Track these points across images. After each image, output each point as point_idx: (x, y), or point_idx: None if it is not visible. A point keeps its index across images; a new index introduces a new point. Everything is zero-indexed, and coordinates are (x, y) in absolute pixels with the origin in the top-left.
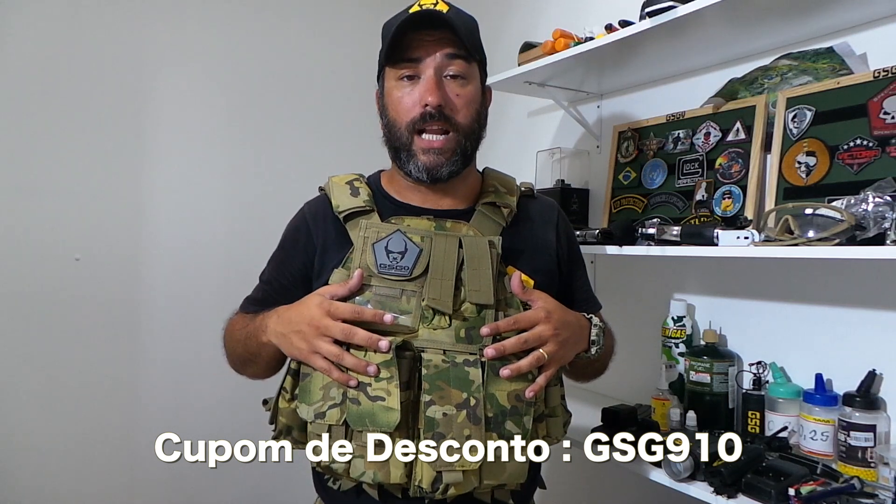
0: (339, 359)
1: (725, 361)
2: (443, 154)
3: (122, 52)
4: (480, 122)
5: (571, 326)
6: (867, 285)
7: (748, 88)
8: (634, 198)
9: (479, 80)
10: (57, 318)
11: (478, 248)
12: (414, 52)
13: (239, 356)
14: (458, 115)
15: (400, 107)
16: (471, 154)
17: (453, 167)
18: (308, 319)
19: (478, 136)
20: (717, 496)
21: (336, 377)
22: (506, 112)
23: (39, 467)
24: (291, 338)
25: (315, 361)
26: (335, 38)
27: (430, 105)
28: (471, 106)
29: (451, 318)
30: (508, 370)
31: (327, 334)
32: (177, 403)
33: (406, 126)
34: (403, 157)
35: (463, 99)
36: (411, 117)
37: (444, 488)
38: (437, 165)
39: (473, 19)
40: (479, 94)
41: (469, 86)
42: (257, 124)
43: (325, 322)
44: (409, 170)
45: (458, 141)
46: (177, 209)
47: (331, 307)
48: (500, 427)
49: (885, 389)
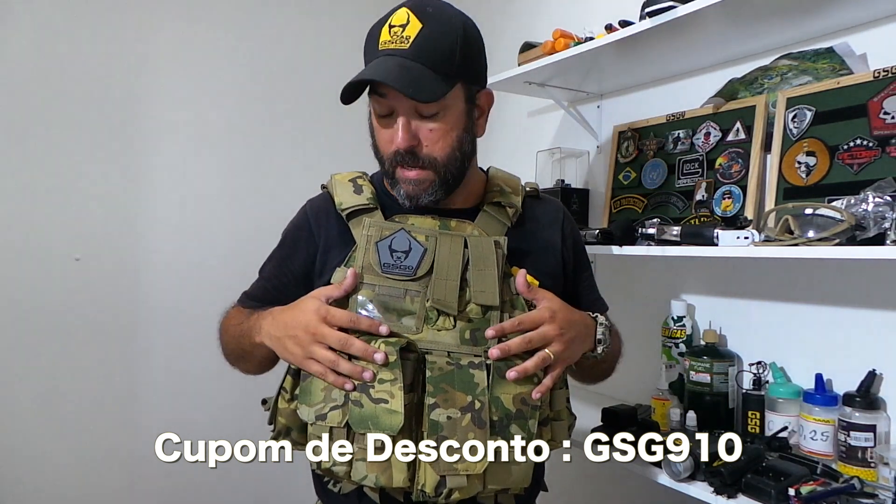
0: (334, 365)
1: (725, 361)
2: (420, 186)
3: (123, 52)
4: (464, 147)
5: (577, 326)
6: (867, 285)
7: (748, 88)
8: (634, 198)
9: (462, 100)
10: (57, 317)
11: (483, 249)
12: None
13: (232, 351)
14: (433, 150)
15: (379, 138)
16: (457, 178)
17: (433, 196)
18: (304, 325)
19: (462, 160)
20: (717, 496)
21: (332, 381)
22: (506, 112)
23: (39, 467)
24: (286, 342)
25: (310, 366)
26: (335, 39)
27: (399, 148)
28: (448, 137)
29: (455, 320)
30: (514, 372)
31: (323, 342)
32: (176, 403)
33: (388, 156)
34: (389, 183)
35: (437, 132)
36: (389, 152)
37: (448, 492)
38: (416, 195)
39: (454, 31)
40: (462, 117)
41: (446, 117)
42: (257, 124)
43: (322, 329)
44: (396, 195)
45: (437, 174)
46: (177, 209)
47: (328, 314)
48: (504, 431)
49: (885, 389)
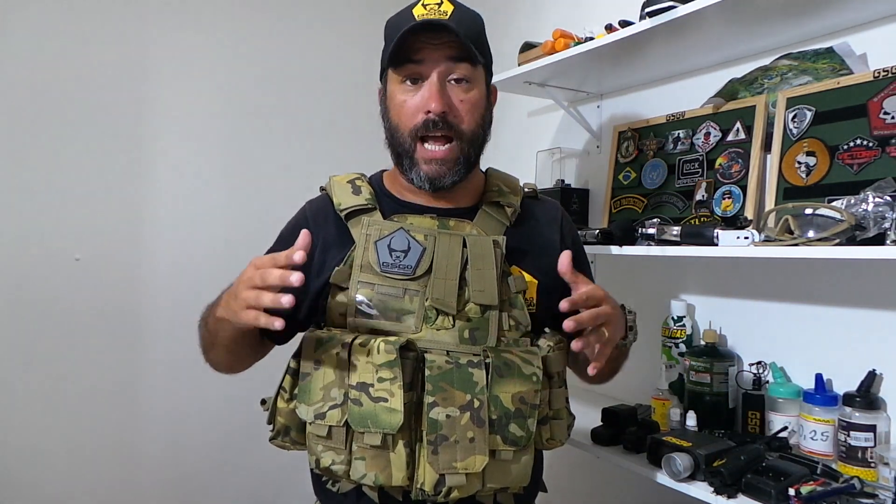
0: (258, 300)
1: (725, 361)
2: (445, 164)
3: (123, 52)
4: (485, 127)
5: (619, 311)
6: (867, 285)
7: (748, 88)
8: (634, 198)
9: (484, 83)
10: (57, 317)
11: (482, 248)
12: (417, 54)
13: (203, 337)
14: (463, 121)
15: (402, 111)
16: (475, 161)
17: (456, 177)
18: (241, 280)
19: (482, 142)
20: (717, 496)
21: (269, 300)
22: (506, 112)
23: (39, 467)
24: (230, 303)
25: (246, 316)
26: (334, 40)
27: (432, 112)
28: (475, 111)
29: (454, 319)
30: (580, 342)
31: (251, 284)
32: (176, 403)
33: (409, 132)
34: (406, 164)
35: (467, 104)
36: (414, 123)
37: (447, 491)
38: (439, 176)
39: (480, 18)
40: (485, 98)
41: (474, 90)
42: (257, 125)
43: (249, 272)
44: (412, 178)
45: (462, 149)
46: (177, 209)
47: (256, 260)
48: (503, 429)
49: (885, 389)
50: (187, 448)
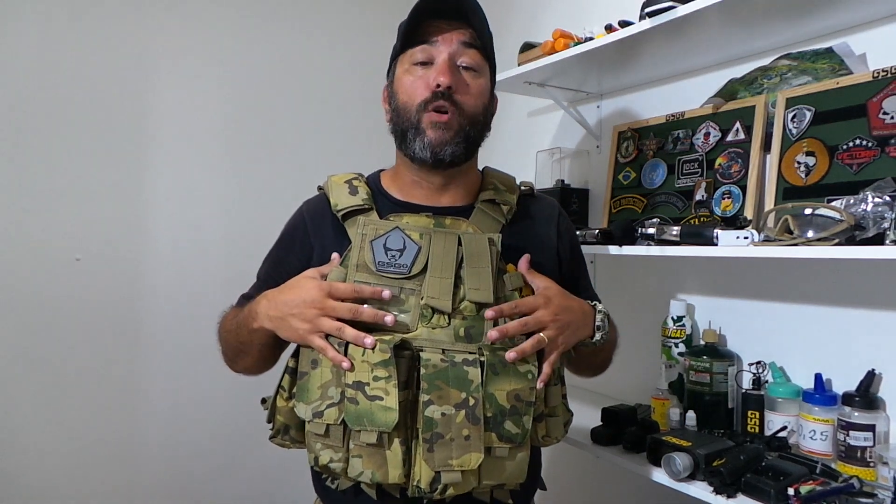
0: (340, 332)
1: (725, 361)
2: (449, 130)
3: (124, 52)
4: (486, 119)
5: (573, 311)
6: (867, 285)
7: (748, 88)
8: (634, 198)
9: (489, 80)
10: (57, 318)
11: (477, 246)
12: (430, 35)
13: (231, 347)
14: (467, 101)
15: (412, 89)
16: (474, 143)
17: (457, 148)
18: (308, 301)
19: (482, 129)
20: (716, 496)
21: (331, 356)
22: (506, 112)
23: (40, 467)
24: (290, 320)
25: (313, 341)
26: (335, 41)
27: (441, 85)
28: (480, 98)
29: (450, 317)
30: (514, 353)
31: (332, 315)
32: (177, 403)
33: (416, 106)
34: (410, 137)
35: (473, 86)
36: (423, 97)
37: (443, 488)
38: (442, 142)
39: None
40: (488, 93)
41: (480, 79)
42: (258, 125)
43: (329, 303)
44: (415, 149)
45: (462, 124)
46: (178, 209)
47: (330, 288)
48: (499, 427)
49: (885, 389)
50: (188, 447)
